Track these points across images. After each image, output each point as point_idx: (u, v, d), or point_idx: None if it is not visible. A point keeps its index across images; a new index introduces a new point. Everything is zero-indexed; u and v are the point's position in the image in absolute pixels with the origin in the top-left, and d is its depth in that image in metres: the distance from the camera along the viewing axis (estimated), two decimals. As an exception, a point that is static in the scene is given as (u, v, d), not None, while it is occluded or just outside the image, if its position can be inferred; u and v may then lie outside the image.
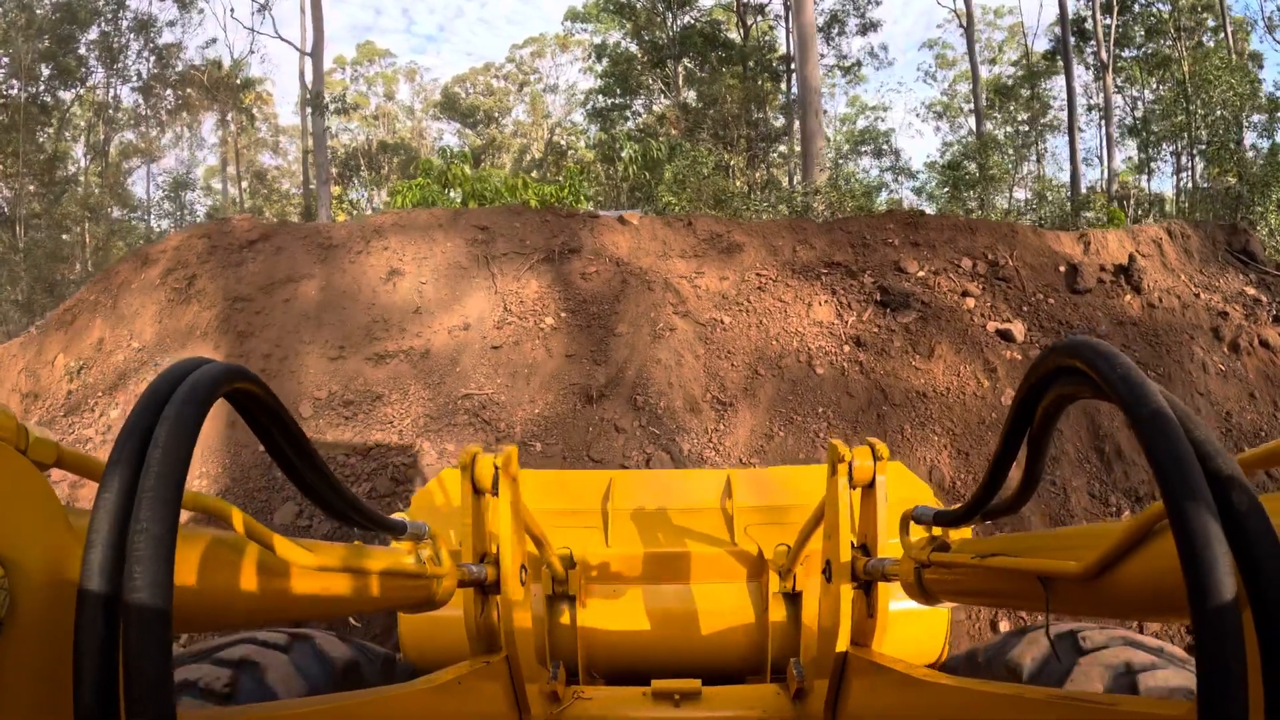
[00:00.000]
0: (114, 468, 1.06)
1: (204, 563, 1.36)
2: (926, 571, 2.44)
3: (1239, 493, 1.05)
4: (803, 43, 29.81)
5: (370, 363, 10.89)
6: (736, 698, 3.69)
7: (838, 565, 2.87)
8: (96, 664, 0.98)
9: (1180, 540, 1.02)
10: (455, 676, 2.57)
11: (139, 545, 0.98)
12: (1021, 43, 56.96)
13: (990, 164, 32.17)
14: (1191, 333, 11.72)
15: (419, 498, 4.32)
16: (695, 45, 40.59)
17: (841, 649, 2.86)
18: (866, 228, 12.34)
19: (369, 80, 66.29)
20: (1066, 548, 1.73)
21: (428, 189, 19.66)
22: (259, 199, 60.17)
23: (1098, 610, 2.03)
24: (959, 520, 2.25)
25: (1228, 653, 0.97)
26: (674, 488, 4.70)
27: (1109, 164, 41.83)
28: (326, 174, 41.63)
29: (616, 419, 9.89)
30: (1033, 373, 1.46)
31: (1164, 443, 1.07)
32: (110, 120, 45.04)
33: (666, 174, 24.53)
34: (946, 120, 61.72)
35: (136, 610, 0.96)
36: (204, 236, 13.24)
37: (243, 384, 1.30)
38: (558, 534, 4.02)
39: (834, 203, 22.49)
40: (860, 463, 2.86)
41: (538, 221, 12.47)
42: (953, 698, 2.20)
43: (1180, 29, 39.12)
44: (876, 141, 49.41)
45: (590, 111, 45.76)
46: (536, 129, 64.83)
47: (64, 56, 38.90)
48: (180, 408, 1.11)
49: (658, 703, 3.54)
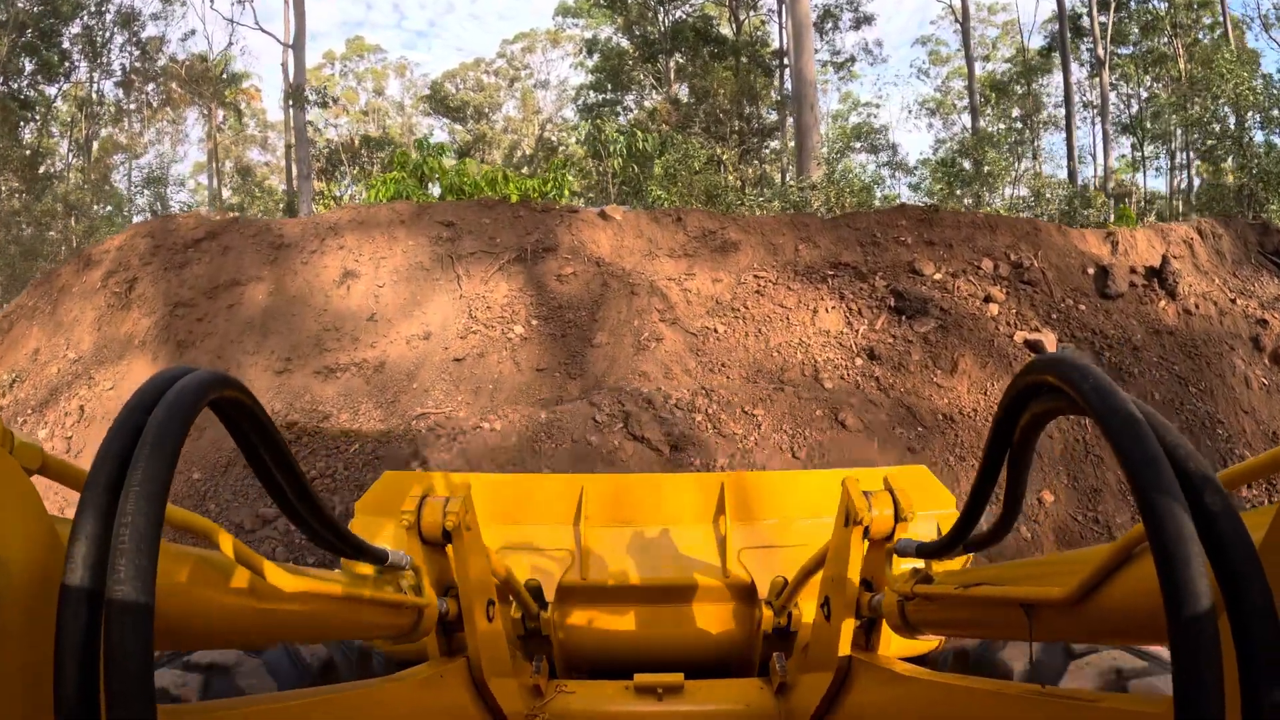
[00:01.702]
0: (100, 465, 1.06)
1: (190, 580, 1.37)
2: (909, 604, 2.42)
3: (1213, 495, 1.05)
4: (797, 34, 28.91)
5: (319, 377, 9.72)
6: (720, 692, 3.62)
7: (838, 607, 2.74)
8: (78, 660, 0.97)
9: (1155, 544, 1.01)
10: (427, 675, 2.54)
11: (123, 539, 0.97)
12: (1015, 39, 57.14)
13: (987, 160, 31.78)
14: (1231, 343, 10.79)
15: (363, 504, 3.98)
16: (687, 40, 40.07)
17: (844, 653, 2.76)
18: (876, 224, 11.20)
19: (359, 76, 65.86)
20: (1049, 574, 1.71)
21: (403, 183, 18.44)
22: (243, 195, 59.27)
23: (1081, 635, 1.98)
24: (941, 551, 2.21)
25: (1203, 654, 0.96)
26: (658, 498, 4.26)
27: (1105, 161, 42.06)
28: (308, 169, 41.34)
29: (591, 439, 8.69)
30: (1009, 392, 1.42)
31: (1136, 447, 1.07)
32: (93, 115, 44.50)
33: (656, 168, 23.49)
34: (939, 117, 61.59)
35: (119, 606, 0.95)
36: (147, 236, 12.13)
37: (229, 392, 1.29)
38: (525, 559, 3.87)
39: (831, 199, 21.62)
40: (879, 521, 2.61)
41: (510, 217, 11.28)
42: (934, 693, 2.22)
43: (1177, 26, 38.95)
44: (872, 137, 49.30)
45: (581, 107, 45.30)
46: (527, 125, 64.60)
47: (47, 51, 38.27)
48: (167, 410, 1.11)
49: (640, 696, 3.48)
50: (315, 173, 50.07)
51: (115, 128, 48.15)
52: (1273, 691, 0.97)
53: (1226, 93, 27.28)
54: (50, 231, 37.44)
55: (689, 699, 3.48)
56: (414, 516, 2.63)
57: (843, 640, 2.75)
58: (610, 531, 4.04)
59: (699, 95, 39.71)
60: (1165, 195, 40.64)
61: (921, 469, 4.13)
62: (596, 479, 4.36)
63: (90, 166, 44.11)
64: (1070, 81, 40.23)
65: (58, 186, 39.83)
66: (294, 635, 1.97)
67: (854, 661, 2.78)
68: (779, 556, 3.88)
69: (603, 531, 4.03)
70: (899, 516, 2.61)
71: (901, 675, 2.40)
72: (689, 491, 4.24)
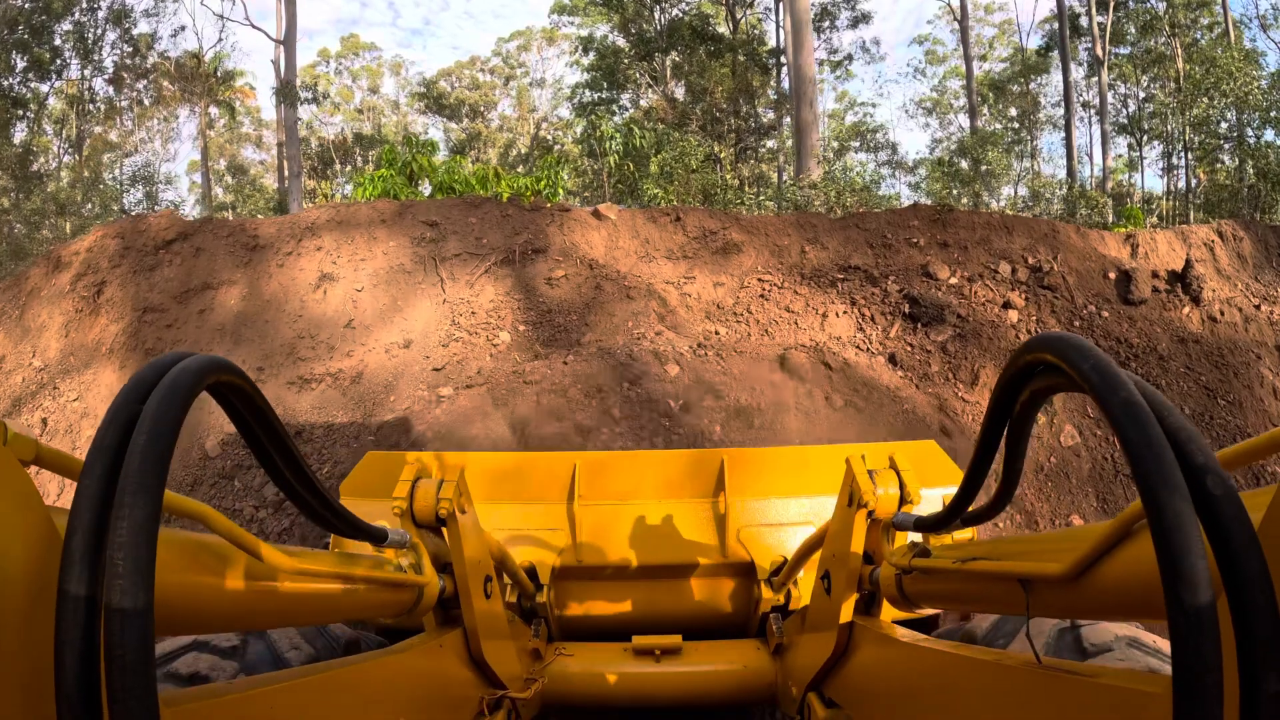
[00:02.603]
0: (96, 455, 1.05)
1: (188, 564, 1.38)
2: (907, 578, 2.40)
3: (1214, 479, 1.04)
4: (797, 31, 28.43)
5: (293, 388, 9.09)
6: (717, 653, 3.67)
7: (839, 584, 2.73)
8: (78, 653, 0.96)
9: (1155, 526, 1.00)
10: (425, 645, 2.51)
11: (121, 531, 0.97)
12: (1012, 39, 57.19)
13: (987, 160, 31.46)
14: (1257, 351, 10.25)
15: (347, 486, 3.97)
16: (683, 38, 39.62)
17: (845, 620, 2.76)
18: (887, 225, 10.60)
19: (354, 74, 65.68)
20: (1047, 550, 1.69)
21: (391, 181, 17.78)
22: (235, 194, 58.77)
23: (1078, 612, 1.95)
24: (939, 525, 2.20)
25: (1203, 635, 0.95)
26: (655, 474, 4.19)
27: (1104, 161, 42.15)
28: (298, 167, 41.10)
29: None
30: (1008, 370, 1.42)
31: (1136, 430, 1.05)
32: (84, 113, 44.08)
33: (653, 166, 22.90)
34: (936, 116, 61.52)
35: (118, 599, 0.94)
36: (117, 236, 11.52)
37: (226, 377, 1.28)
38: (518, 541, 3.86)
39: (831, 198, 21.10)
40: (884, 501, 2.56)
41: (498, 216, 10.65)
42: (934, 661, 2.20)
43: (1175, 26, 38.89)
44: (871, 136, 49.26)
45: (577, 105, 44.84)
46: (522, 124, 64.36)
47: (38, 47, 37.91)
48: (162, 398, 1.10)
49: (639, 658, 3.54)
50: (308, 171, 49.73)
51: (106, 125, 47.68)
52: (1269, 677, 0.95)
53: (1234, 91, 26.86)
54: (41, 230, 37.03)
55: (687, 660, 3.56)
56: (406, 503, 2.58)
57: (843, 612, 2.75)
58: (605, 509, 3.99)
59: (695, 93, 39.30)
60: (1162, 195, 40.46)
61: (930, 444, 4.07)
62: (590, 456, 4.22)
63: (81, 164, 43.49)
64: (1070, 81, 40.12)
65: (49, 185, 39.40)
66: (294, 616, 1.93)
67: (855, 627, 2.77)
68: (780, 535, 3.89)
69: (598, 509, 3.98)
70: (904, 499, 2.57)
71: (902, 641, 2.36)
72: (687, 468, 4.14)
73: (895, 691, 2.50)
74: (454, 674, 2.77)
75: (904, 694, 2.44)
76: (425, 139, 20.18)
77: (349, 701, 2.04)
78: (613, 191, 24.29)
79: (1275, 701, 0.95)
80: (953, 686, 2.08)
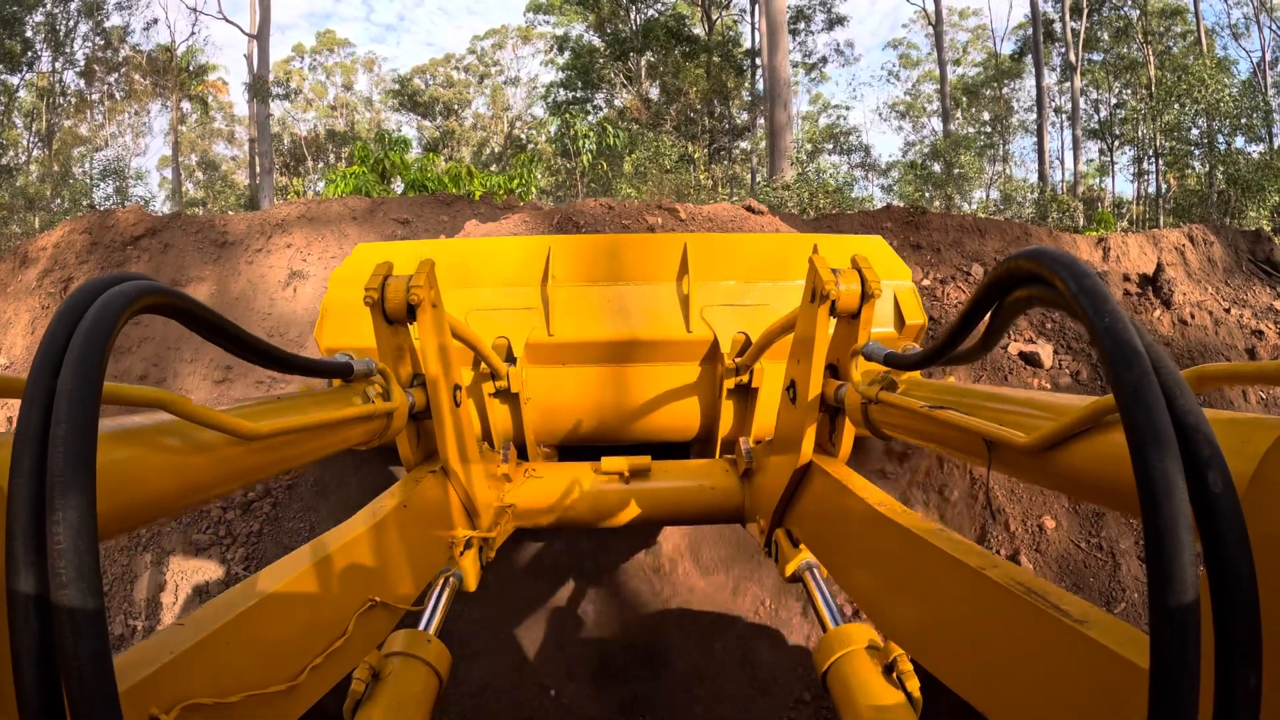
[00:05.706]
0: (22, 447, 1.00)
1: (145, 452, 1.36)
2: (873, 408, 2.45)
3: (1205, 445, 0.99)
4: (772, 32, 28.49)
5: (261, 389, 8.94)
6: (686, 471, 3.76)
7: (804, 391, 2.74)
8: (35, 661, 0.94)
9: (1142, 485, 0.96)
10: (401, 500, 2.47)
11: (58, 537, 0.94)
12: (985, 44, 57.67)
13: (960, 163, 31.63)
14: (1227, 353, 10.31)
15: (337, 277, 3.99)
16: (659, 38, 39.64)
17: (804, 461, 2.80)
18: (860, 226, 10.59)
19: (328, 70, 65.09)
20: (1016, 415, 1.70)
21: (363, 178, 17.60)
22: (206, 190, 58.09)
23: (1038, 482, 1.73)
24: (909, 366, 2.23)
25: (1177, 550, 0.92)
26: (622, 258, 4.28)
27: (1075, 165, 42.53)
28: (270, 163, 40.86)
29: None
30: (991, 275, 1.37)
31: (1121, 351, 1.02)
32: (54, 106, 43.68)
33: (626, 166, 22.86)
34: (910, 120, 61.95)
35: (66, 605, 0.92)
36: (85, 232, 11.27)
37: (154, 298, 1.25)
38: (492, 319, 3.92)
39: (804, 200, 21.11)
40: (846, 296, 2.58)
41: (470, 214, 10.55)
42: (899, 542, 2.06)
43: (1148, 33, 39.37)
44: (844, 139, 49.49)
45: (551, 104, 44.73)
46: (497, 122, 64.00)
47: (10, 39, 37.47)
48: (77, 369, 1.05)
49: (608, 477, 3.61)
50: (280, 167, 49.30)
51: (77, 119, 47.16)
52: (1245, 672, 0.94)
53: (1205, 98, 27.19)
54: (10, 225, 36.51)
55: (655, 477, 3.64)
56: (378, 294, 2.60)
57: (807, 437, 2.76)
58: (577, 290, 4.06)
59: (670, 94, 39.47)
60: (1132, 200, 40.95)
61: (878, 239, 4.17)
62: (564, 240, 4.29)
63: (51, 158, 43.13)
64: (1043, 86, 40.47)
65: (18, 179, 39.06)
66: (271, 471, 1.94)
67: (813, 467, 2.80)
68: (740, 315, 3.95)
69: (570, 290, 4.05)
70: (866, 294, 2.57)
71: (879, 515, 2.24)
72: (653, 251, 4.24)
73: (842, 546, 2.55)
74: (436, 506, 2.82)
75: (850, 550, 2.48)
76: (398, 136, 19.95)
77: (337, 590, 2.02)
78: (586, 190, 24.19)
79: (1253, 697, 0.93)
80: (901, 564, 2.06)
